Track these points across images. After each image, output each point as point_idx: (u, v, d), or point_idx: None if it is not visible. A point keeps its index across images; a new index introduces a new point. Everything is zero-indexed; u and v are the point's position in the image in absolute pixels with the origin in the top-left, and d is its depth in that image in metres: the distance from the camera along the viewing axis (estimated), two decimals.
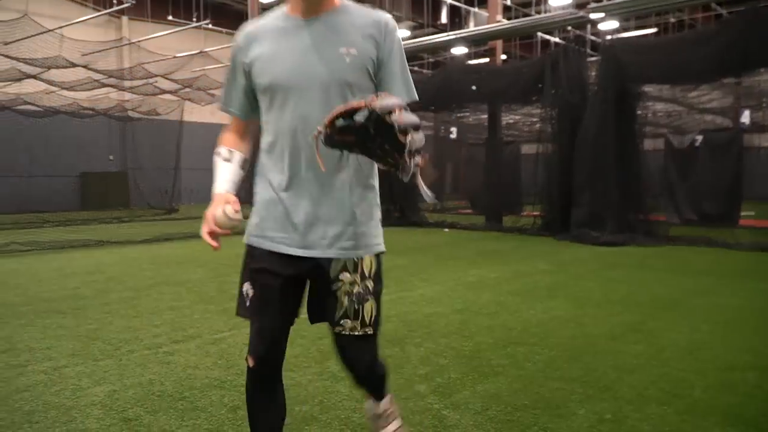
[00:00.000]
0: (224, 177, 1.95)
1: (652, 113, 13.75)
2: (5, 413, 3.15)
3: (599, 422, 3.03)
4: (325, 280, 1.97)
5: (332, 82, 1.84)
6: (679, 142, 15.14)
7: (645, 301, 5.85)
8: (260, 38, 1.90)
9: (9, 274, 7.41)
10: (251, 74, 1.91)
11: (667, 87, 12.49)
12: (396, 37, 1.92)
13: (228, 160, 1.98)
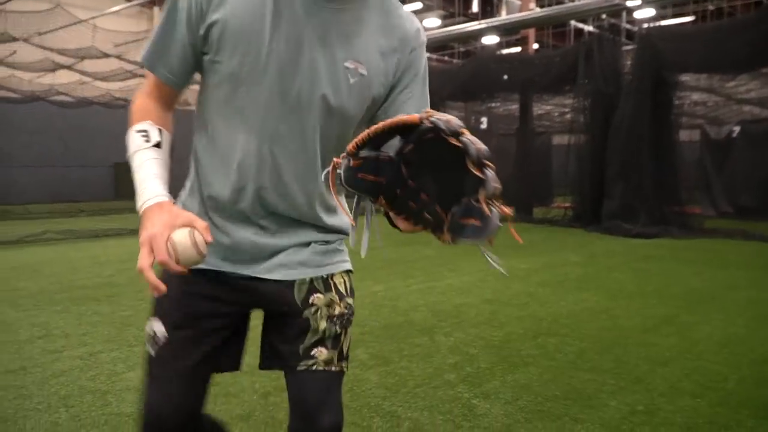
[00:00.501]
0: (158, 173, 1.29)
1: (689, 103, 13.43)
2: (42, 397, 3.23)
3: (631, 414, 3.00)
4: (289, 308, 1.42)
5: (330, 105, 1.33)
6: (716, 133, 14.80)
7: (679, 293, 5.75)
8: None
9: (45, 263, 7.59)
10: (208, 39, 1.29)
11: (704, 76, 12.19)
12: (424, 56, 1.41)
13: (158, 146, 1.33)
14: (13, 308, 5.11)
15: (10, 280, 6.40)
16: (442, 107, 15.45)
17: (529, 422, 2.90)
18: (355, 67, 1.30)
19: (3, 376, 3.53)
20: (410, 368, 3.66)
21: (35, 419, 2.95)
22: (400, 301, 5.36)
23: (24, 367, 3.67)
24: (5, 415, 2.99)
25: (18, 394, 3.25)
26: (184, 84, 1.41)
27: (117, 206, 16.13)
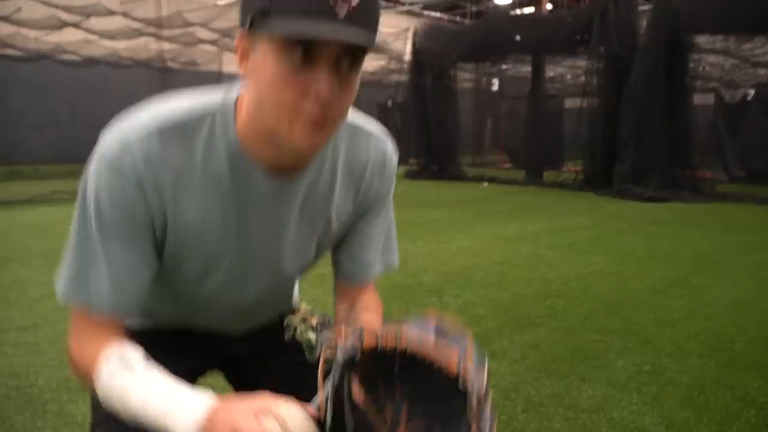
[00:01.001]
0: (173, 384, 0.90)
1: (704, 66, 13.20)
2: (54, 353, 3.26)
3: (638, 373, 3.01)
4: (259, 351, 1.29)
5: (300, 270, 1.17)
6: (731, 96, 14.55)
7: (689, 257, 5.73)
8: (188, 183, 0.95)
9: (55, 222, 7.62)
10: (165, 239, 0.98)
11: (720, 38, 11.94)
12: (393, 181, 1.17)
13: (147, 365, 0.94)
14: (24, 267, 5.16)
15: (21, 239, 6.47)
16: (453, 69, 15.25)
17: (537, 381, 2.92)
18: (327, 226, 1.11)
19: (15, 333, 3.57)
20: None
21: (47, 375, 2.98)
22: (409, 263, 5.37)
23: (36, 324, 3.71)
24: (18, 370, 3.03)
25: (30, 351, 3.29)
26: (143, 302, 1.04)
27: None
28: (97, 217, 0.92)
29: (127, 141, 0.91)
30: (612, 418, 2.56)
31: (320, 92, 0.81)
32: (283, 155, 0.94)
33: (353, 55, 0.82)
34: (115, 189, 0.90)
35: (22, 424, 2.49)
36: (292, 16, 0.77)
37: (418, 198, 10.44)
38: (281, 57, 0.81)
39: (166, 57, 18.32)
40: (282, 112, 0.83)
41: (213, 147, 0.94)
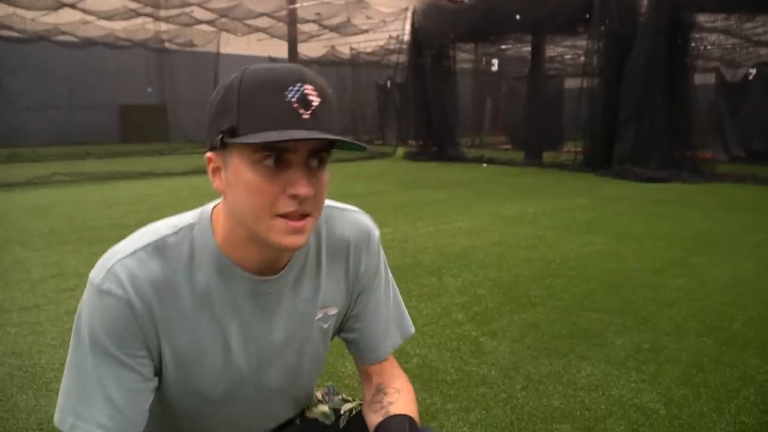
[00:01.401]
0: None
1: (705, 45, 13.11)
2: (56, 333, 3.29)
3: (637, 352, 3.03)
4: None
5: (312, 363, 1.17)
6: (732, 75, 14.47)
7: (688, 237, 5.74)
8: (176, 303, 0.97)
9: (55, 204, 7.63)
10: (163, 372, 1.00)
11: (721, 17, 11.84)
12: (381, 254, 1.20)
13: None
14: (25, 248, 5.17)
15: (21, 220, 6.47)
16: (452, 49, 15.15)
17: (536, 359, 2.94)
18: (325, 313, 1.11)
19: (18, 313, 3.59)
20: (419, 308, 3.70)
21: (50, 354, 3.00)
22: (409, 244, 5.38)
23: (38, 305, 3.73)
24: (20, 350, 3.05)
25: (33, 330, 3.31)
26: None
27: (124, 149, 16.12)
28: (91, 343, 0.92)
29: (110, 264, 0.93)
30: (611, 395, 2.58)
31: (297, 191, 0.87)
32: (265, 256, 0.97)
33: (320, 154, 0.89)
34: (105, 311, 0.91)
35: (26, 403, 2.52)
36: (259, 127, 0.83)
37: (417, 179, 10.44)
38: (255, 166, 0.87)
39: (163, 37, 18.20)
40: (261, 215, 0.88)
41: (196, 258, 0.97)
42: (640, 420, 2.38)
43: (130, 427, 0.95)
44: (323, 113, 0.86)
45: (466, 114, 17.64)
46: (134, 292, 0.91)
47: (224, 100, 0.88)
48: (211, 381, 1.02)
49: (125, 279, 0.91)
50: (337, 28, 17.96)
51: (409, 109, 16.43)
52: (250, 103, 0.85)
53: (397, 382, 1.17)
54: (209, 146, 0.92)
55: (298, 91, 0.85)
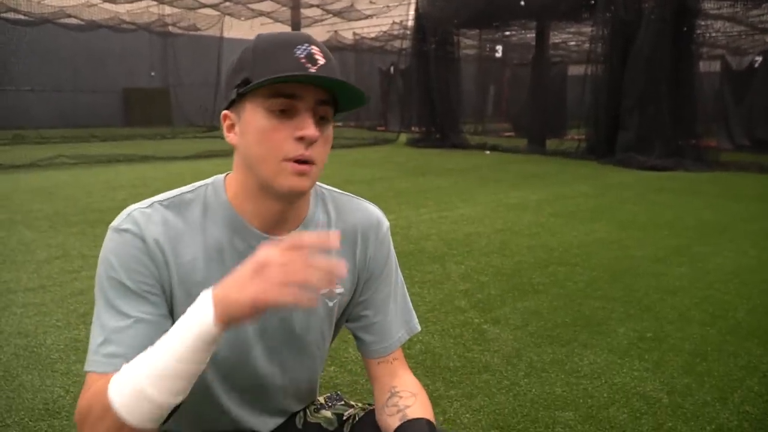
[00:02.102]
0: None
1: (710, 33, 13.02)
2: (61, 314, 3.30)
3: (639, 340, 3.03)
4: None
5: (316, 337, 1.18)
6: (737, 63, 14.39)
7: (692, 225, 5.73)
8: (190, 248, 1.01)
9: (59, 186, 7.64)
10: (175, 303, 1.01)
11: (727, 4, 11.76)
12: (391, 246, 1.21)
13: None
14: (30, 229, 5.18)
15: (25, 202, 6.47)
16: (456, 35, 15.06)
17: (538, 347, 2.95)
18: (329, 289, 1.11)
19: (23, 293, 3.61)
20: (422, 294, 3.70)
21: (55, 335, 3.02)
22: (412, 230, 5.38)
23: (43, 286, 3.75)
24: (26, 330, 3.07)
25: (38, 311, 3.33)
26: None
27: (128, 133, 16.10)
28: (108, 280, 0.96)
29: (129, 212, 1.00)
30: (614, 383, 2.58)
31: (305, 132, 0.93)
32: (273, 209, 1.02)
33: (326, 107, 0.97)
34: (120, 246, 0.97)
35: (31, 383, 2.53)
36: (271, 75, 0.91)
37: (420, 166, 10.41)
38: (266, 111, 0.94)
39: (167, 21, 18.11)
40: (270, 159, 0.95)
41: (209, 213, 1.03)
42: (643, 408, 2.38)
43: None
44: (328, 69, 0.94)
45: (470, 101, 17.59)
46: (148, 230, 0.98)
47: (240, 60, 0.97)
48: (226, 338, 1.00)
49: (141, 221, 0.98)
50: (341, 13, 17.86)
51: (412, 95, 16.37)
52: (263, 59, 0.94)
53: (411, 386, 1.16)
54: (225, 104, 0.99)
55: (305, 50, 0.94)
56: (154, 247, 0.97)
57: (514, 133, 18.03)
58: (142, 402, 0.83)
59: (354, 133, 16.07)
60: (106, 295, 0.95)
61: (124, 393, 0.84)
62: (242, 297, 0.79)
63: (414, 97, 16.03)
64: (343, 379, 2.58)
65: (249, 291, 0.79)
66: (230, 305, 0.80)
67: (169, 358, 0.83)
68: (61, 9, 14.83)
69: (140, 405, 0.83)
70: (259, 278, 0.79)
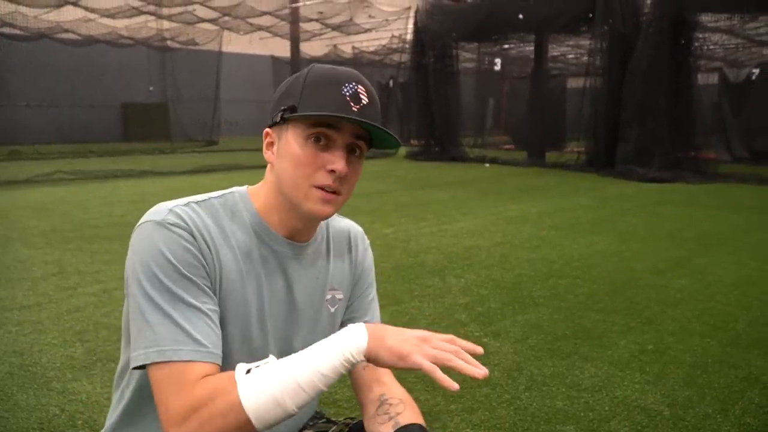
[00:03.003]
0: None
1: (708, 45, 13.10)
2: (57, 332, 3.27)
3: (640, 352, 3.01)
4: None
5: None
6: (735, 75, 14.44)
7: (692, 237, 5.72)
8: (224, 246, 1.06)
9: (56, 202, 7.62)
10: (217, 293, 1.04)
11: (724, 17, 11.83)
12: (369, 254, 1.31)
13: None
14: (26, 246, 5.15)
15: (22, 218, 6.45)
16: (455, 48, 15.13)
17: (539, 360, 2.92)
18: (332, 295, 1.22)
19: (19, 311, 3.58)
20: (421, 308, 3.68)
21: (51, 353, 2.99)
22: (412, 243, 5.36)
23: (39, 303, 3.72)
24: (22, 349, 3.04)
25: (34, 329, 3.29)
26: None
27: (126, 148, 16.08)
28: (164, 273, 0.97)
29: (168, 208, 1.04)
30: (615, 396, 2.56)
31: (336, 166, 1.01)
32: (296, 224, 1.11)
33: (360, 145, 1.05)
34: (174, 240, 0.99)
35: (27, 402, 2.50)
36: (316, 110, 1.00)
37: (419, 179, 10.42)
38: (305, 141, 1.03)
39: (165, 36, 18.17)
40: (301, 182, 1.03)
41: (237, 219, 1.10)
42: (644, 421, 2.36)
43: (218, 345, 0.99)
44: (369, 111, 1.03)
45: (469, 114, 17.61)
46: (195, 228, 1.02)
47: (291, 86, 1.06)
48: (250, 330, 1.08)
49: (186, 217, 1.03)
50: (340, 27, 17.94)
51: (411, 108, 16.42)
52: (312, 91, 1.02)
53: (399, 392, 1.17)
54: (270, 123, 1.07)
55: (352, 89, 1.02)
56: (202, 241, 1.02)
57: (513, 145, 18.06)
58: (277, 409, 0.90)
59: None
60: (170, 287, 0.96)
61: (260, 399, 0.89)
62: (400, 347, 0.91)
63: (413, 110, 16.08)
64: (343, 395, 2.56)
65: (407, 346, 0.91)
66: (384, 347, 0.92)
67: (313, 374, 0.90)
68: (58, 24, 14.88)
69: (275, 412, 0.90)
70: (421, 344, 0.91)
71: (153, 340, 0.94)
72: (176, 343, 0.94)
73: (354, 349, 0.91)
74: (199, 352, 0.95)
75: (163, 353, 0.93)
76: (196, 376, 0.93)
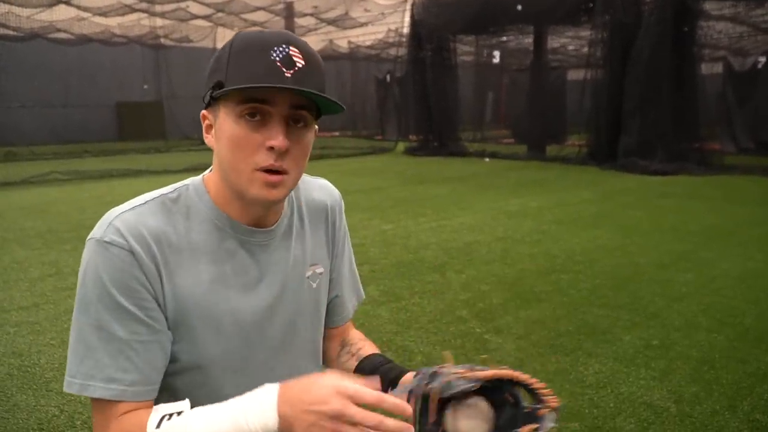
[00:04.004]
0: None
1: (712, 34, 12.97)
2: (55, 333, 3.24)
3: (646, 348, 2.96)
4: None
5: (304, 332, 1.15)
6: (740, 64, 14.31)
7: (696, 230, 5.65)
8: (177, 253, 0.96)
9: (52, 203, 7.58)
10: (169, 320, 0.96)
11: (728, 4, 11.71)
12: (344, 220, 1.25)
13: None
14: (23, 247, 5.11)
15: (18, 219, 6.41)
16: (453, 41, 15.04)
17: (542, 356, 2.87)
18: (312, 271, 1.14)
19: (16, 312, 3.56)
20: (422, 304, 3.63)
21: (49, 354, 2.98)
22: (411, 239, 5.31)
23: (36, 304, 3.69)
24: (20, 350, 3.02)
25: (32, 330, 3.28)
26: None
27: (121, 147, 16.04)
28: (98, 297, 0.90)
29: (110, 220, 0.94)
30: (620, 393, 2.52)
31: (273, 143, 0.90)
32: (252, 211, 1.01)
33: (302, 115, 0.93)
34: (109, 262, 0.90)
35: (26, 403, 2.50)
36: (244, 82, 0.87)
37: (418, 174, 10.36)
38: (237, 120, 0.91)
39: (159, 33, 18.07)
40: (241, 166, 0.92)
41: (192, 214, 1.00)
42: (651, 418, 2.32)
43: (146, 382, 0.92)
44: (306, 75, 0.89)
45: (468, 108, 17.53)
46: (135, 240, 0.92)
47: (217, 60, 0.94)
48: (215, 334, 0.99)
49: (125, 230, 0.92)
50: (335, 21, 17.83)
51: (409, 103, 16.33)
52: (237, 61, 0.90)
53: (359, 336, 1.22)
54: (204, 105, 0.97)
55: (282, 52, 0.89)
56: (143, 257, 0.92)
57: (513, 139, 17.96)
58: None
59: (351, 143, 16.05)
60: (99, 315, 0.90)
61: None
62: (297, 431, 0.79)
63: (411, 105, 15.99)
64: None
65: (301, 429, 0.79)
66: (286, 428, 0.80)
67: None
68: (51, 23, 14.80)
69: None
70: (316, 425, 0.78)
71: (70, 369, 0.90)
72: (88, 378, 0.89)
73: (260, 429, 0.81)
74: (109, 389, 0.89)
75: (72, 385, 0.89)
76: (115, 412, 0.90)
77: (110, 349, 0.89)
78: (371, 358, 1.14)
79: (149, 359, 0.92)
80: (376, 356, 1.14)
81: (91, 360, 0.89)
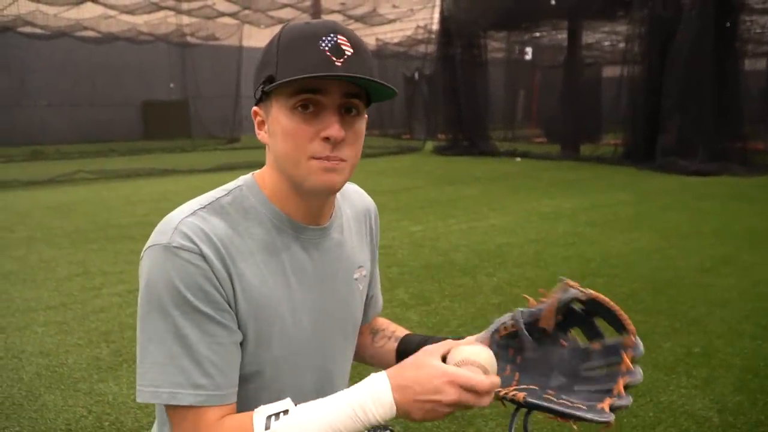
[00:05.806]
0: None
1: (755, 29, 12.59)
2: (83, 333, 3.26)
3: (687, 355, 2.85)
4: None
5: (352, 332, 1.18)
6: None
7: (739, 233, 5.46)
8: (241, 252, 0.96)
9: (79, 202, 7.67)
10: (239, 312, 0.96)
11: None
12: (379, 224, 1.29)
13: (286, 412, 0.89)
14: (50, 247, 5.16)
15: (45, 219, 6.50)
16: (483, 37, 14.88)
17: None
18: (359, 273, 1.17)
19: (44, 312, 3.57)
20: (452, 308, 3.55)
21: (77, 354, 2.98)
22: (441, 241, 5.23)
23: (64, 304, 3.71)
24: (47, 349, 3.04)
25: (59, 330, 3.29)
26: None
27: (147, 146, 16.16)
28: (173, 304, 0.89)
29: (174, 225, 0.93)
30: (660, 402, 2.44)
31: (329, 133, 0.91)
32: (310, 205, 1.02)
33: (352, 101, 0.94)
34: (182, 267, 0.90)
35: (54, 403, 2.51)
36: (295, 74, 0.88)
37: (447, 174, 10.27)
38: (291, 112, 0.92)
39: (185, 31, 18.19)
40: (298, 158, 0.93)
41: (251, 214, 1.00)
42: (692, 428, 2.25)
43: (230, 385, 0.93)
44: (355, 62, 0.89)
45: (498, 106, 17.34)
46: (204, 244, 0.92)
47: (266, 54, 0.95)
48: (279, 334, 1.00)
49: (192, 234, 0.92)
50: (363, 18, 17.74)
51: (438, 101, 16.19)
52: (287, 54, 0.91)
53: (386, 322, 1.28)
54: (256, 101, 0.98)
55: (331, 41, 0.89)
56: (215, 261, 0.92)
57: (545, 138, 17.70)
58: None
59: (379, 142, 15.96)
60: (177, 322, 0.89)
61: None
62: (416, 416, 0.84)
63: (440, 103, 15.86)
64: None
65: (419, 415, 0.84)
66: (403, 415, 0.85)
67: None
68: (78, 22, 15.01)
69: None
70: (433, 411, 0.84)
71: (153, 379, 0.89)
72: (175, 386, 0.89)
73: (379, 418, 0.84)
74: (198, 396, 0.89)
75: (159, 395, 0.88)
76: (204, 418, 0.89)
77: (193, 355, 0.89)
78: (410, 337, 1.19)
79: (230, 362, 0.93)
80: (414, 335, 1.19)
81: (174, 368, 0.89)
